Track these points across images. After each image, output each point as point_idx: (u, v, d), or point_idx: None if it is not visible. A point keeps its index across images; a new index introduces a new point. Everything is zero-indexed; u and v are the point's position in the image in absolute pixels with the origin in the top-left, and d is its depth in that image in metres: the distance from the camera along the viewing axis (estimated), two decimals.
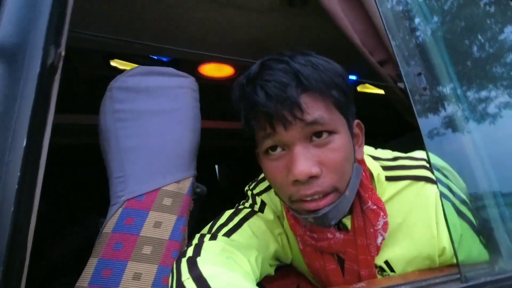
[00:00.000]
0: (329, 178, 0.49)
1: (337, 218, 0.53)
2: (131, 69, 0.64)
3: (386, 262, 0.59)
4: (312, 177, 0.48)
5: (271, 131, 0.49)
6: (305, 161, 0.47)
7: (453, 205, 0.58)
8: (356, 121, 0.58)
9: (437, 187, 0.56)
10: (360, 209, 0.58)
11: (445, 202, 0.56)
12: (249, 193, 0.71)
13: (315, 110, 0.48)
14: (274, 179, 0.52)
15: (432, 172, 0.58)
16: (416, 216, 0.57)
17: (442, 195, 0.56)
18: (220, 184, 2.71)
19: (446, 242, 0.56)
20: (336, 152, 0.49)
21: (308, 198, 0.49)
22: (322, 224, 0.52)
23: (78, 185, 1.82)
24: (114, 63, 1.47)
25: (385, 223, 0.56)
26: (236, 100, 0.54)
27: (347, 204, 0.53)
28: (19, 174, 0.38)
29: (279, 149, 0.51)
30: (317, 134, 0.49)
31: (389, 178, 0.61)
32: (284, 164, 0.50)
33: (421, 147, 0.62)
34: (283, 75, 0.48)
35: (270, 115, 0.48)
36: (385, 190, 0.60)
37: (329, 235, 0.59)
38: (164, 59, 1.50)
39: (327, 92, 0.49)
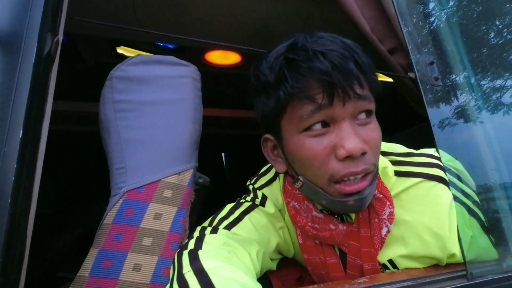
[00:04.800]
0: (372, 155, 0.49)
1: (369, 201, 0.52)
2: (131, 58, 0.63)
3: (390, 261, 0.57)
4: (363, 154, 0.47)
5: (327, 104, 0.46)
6: (357, 136, 0.47)
7: (465, 206, 0.56)
8: None
9: (449, 188, 0.54)
10: None
11: (457, 204, 0.54)
12: (251, 187, 0.70)
13: (365, 88, 0.49)
14: (315, 157, 0.48)
15: (445, 172, 0.56)
16: (427, 217, 0.55)
17: (453, 195, 0.54)
18: (226, 172, 2.72)
19: (457, 247, 0.53)
20: (376, 132, 0.50)
21: (352, 178, 0.48)
22: (359, 207, 0.51)
23: (88, 172, 1.84)
24: (120, 50, 1.46)
25: (391, 213, 0.55)
26: (273, 70, 0.48)
27: (375, 186, 0.53)
28: (15, 165, 0.38)
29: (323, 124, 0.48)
30: (362, 112, 0.49)
31: (398, 173, 0.58)
32: (329, 141, 0.47)
33: (428, 139, 0.59)
34: (341, 48, 0.47)
35: (333, 85, 0.45)
36: (393, 185, 0.58)
37: (332, 226, 0.58)
38: (170, 46, 1.48)
39: (370, 73, 0.49)
